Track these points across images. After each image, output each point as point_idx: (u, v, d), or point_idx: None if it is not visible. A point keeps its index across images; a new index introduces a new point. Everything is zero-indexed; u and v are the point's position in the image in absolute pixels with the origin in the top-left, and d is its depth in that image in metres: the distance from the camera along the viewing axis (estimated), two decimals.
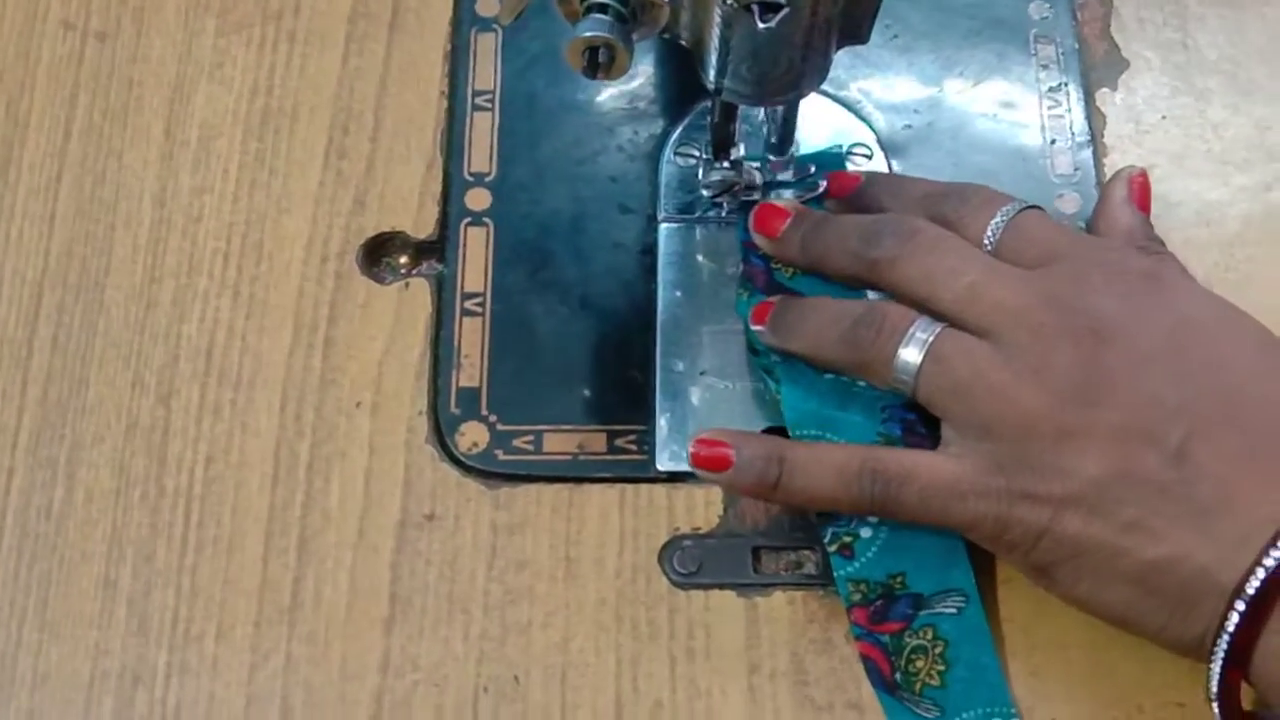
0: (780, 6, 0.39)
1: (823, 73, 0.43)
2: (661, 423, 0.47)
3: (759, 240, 0.47)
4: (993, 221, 0.44)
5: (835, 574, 0.43)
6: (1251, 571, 0.37)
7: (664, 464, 0.46)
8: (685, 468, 0.46)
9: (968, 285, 0.42)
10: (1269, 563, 0.37)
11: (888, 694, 0.42)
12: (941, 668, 0.42)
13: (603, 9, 0.37)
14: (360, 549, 0.45)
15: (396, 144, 0.51)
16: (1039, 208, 0.45)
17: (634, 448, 0.47)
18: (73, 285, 0.49)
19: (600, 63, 0.37)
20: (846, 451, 0.43)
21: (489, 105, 0.52)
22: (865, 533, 0.43)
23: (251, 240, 0.50)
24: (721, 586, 0.45)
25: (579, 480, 0.46)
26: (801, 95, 0.44)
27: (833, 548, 0.43)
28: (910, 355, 0.42)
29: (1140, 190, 0.47)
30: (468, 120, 0.51)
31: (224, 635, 0.44)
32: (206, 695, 0.43)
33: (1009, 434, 0.40)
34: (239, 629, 0.44)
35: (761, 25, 0.39)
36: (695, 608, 0.44)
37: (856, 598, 0.43)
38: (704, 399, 0.47)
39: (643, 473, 0.46)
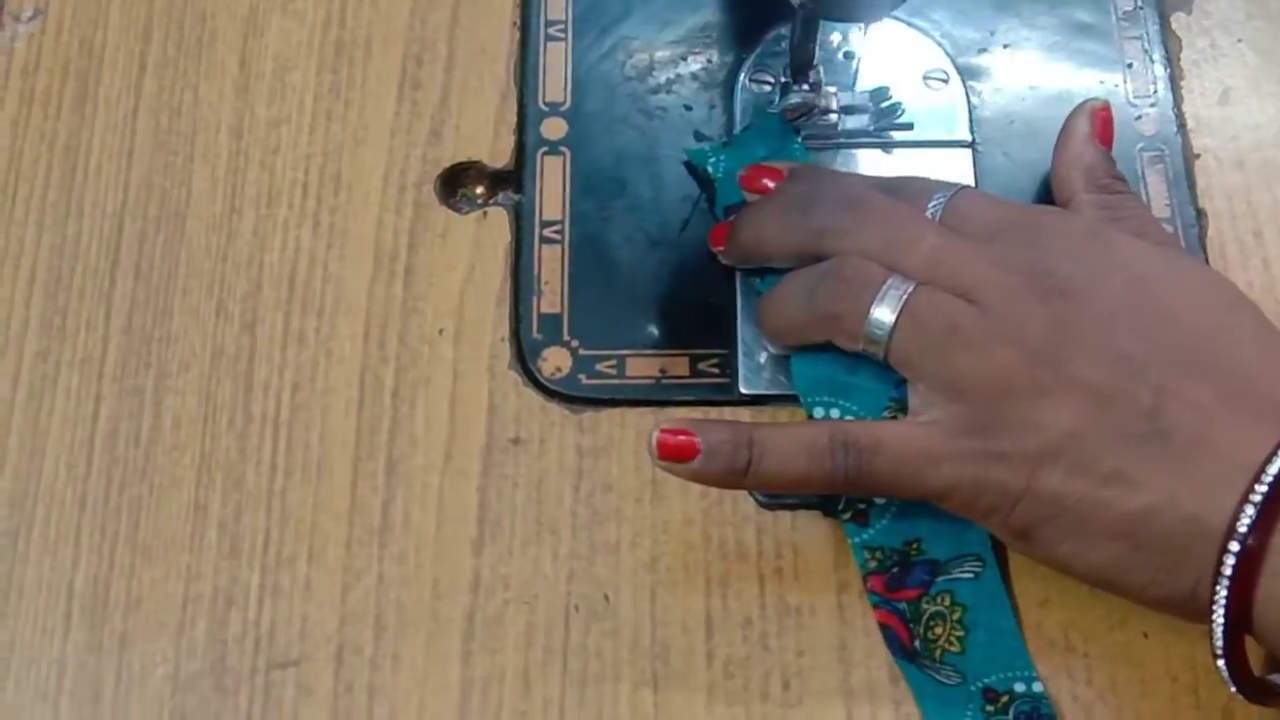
0: None
1: None
2: (743, 346, 0.47)
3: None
4: (930, 205, 0.43)
5: (850, 541, 0.43)
6: (1240, 510, 0.36)
7: (746, 387, 0.46)
8: (768, 390, 0.46)
9: (929, 249, 0.41)
10: (1256, 498, 0.36)
11: (908, 661, 0.42)
12: (960, 633, 0.42)
13: None
14: (448, 473, 0.45)
15: (470, 74, 0.51)
16: (972, 188, 0.45)
17: (716, 371, 0.47)
18: (153, 216, 0.49)
19: None
20: (815, 427, 0.42)
21: (562, 35, 0.52)
22: (879, 499, 0.43)
23: (329, 171, 0.50)
24: (809, 507, 0.45)
25: (662, 404, 0.46)
26: (882, 14, 0.44)
27: (846, 515, 0.43)
28: (884, 313, 0.41)
29: (1103, 124, 0.46)
30: (541, 50, 0.51)
31: (315, 557, 0.44)
32: (300, 616, 0.44)
33: (984, 392, 0.39)
34: (330, 550, 0.44)
35: None
36: (782, 528, 0.45)
37: (873, 565, 0.43)
38: None
39: (725, 395, 0.46)
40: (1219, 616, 0.37)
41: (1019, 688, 0.42)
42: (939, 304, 0.41)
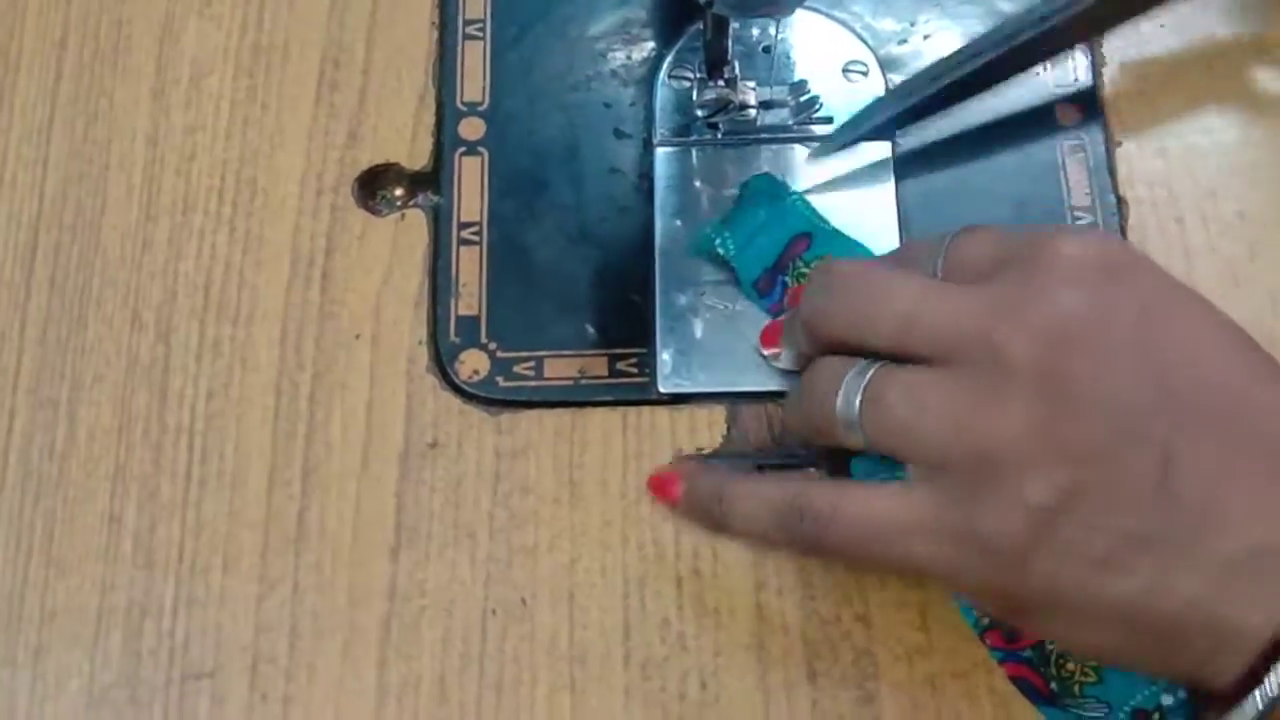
0: None
1: None
2: (662, 345, 0.46)
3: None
4: (935, 259, 0.39)
5: (957, 603, 0.42)
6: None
7: (666, 386, 0.46)
8: (687, 389, 0.46)
9: (901, 314, 0.37)
10: None
11: (1050, 706, 0.41)
12: (1093, 663, 0.41)
13: None
14: (364, 478, 0.45)
15: (388, 76, 0.51)
16: (976, 226, 0.40)
17: (635, 371, 0.46)
18: (68, 226, 0.49)
19: None
20: (781, 487, 0.39)
21: (480, 34, 0.51)
22: None
23: (246, 176, 0.49)
24: None
25: (581, 404, 0.46)
26: (785, 11, 0.43)
27: None
28: (847, 406, 0.37)
29: None
30: (459, 50, 0.51)
31: (230, 567, 0.44)
32: (214, 626, 0.43)
33: (964, 463, 0.35)
34: (245, 560, 0.44)
35: None
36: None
37: (985, 622, 0.41)
38: (704, 321, 0.47)
39: (645, 395, 0.46)
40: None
41: (1166, 700, 0.40)
42: (902, 383, 0.37)
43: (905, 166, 0.49)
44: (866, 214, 0.48)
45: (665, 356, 0.46)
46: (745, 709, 0.42)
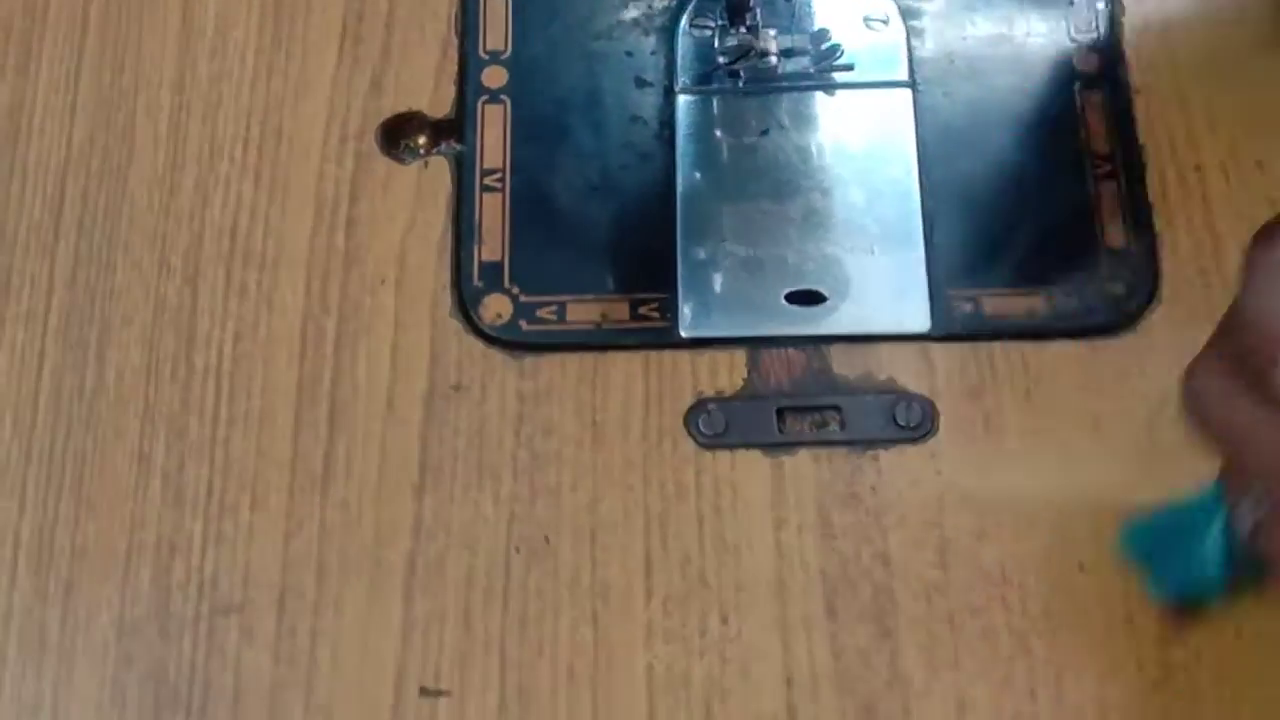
0: None
1: None
2: (683, 290, 0.47)
3: None
4: None
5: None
6: None
7: (687, 330, 0.46)
8: (708, 333, 0.46)
9: None
10: None
11: None
12: None
13: None
14: (389, 420, 0.46)
15: (411, 26, 0.51)
16: None
17: (656, 315, 0.47)
18: (96, 173, 0.49)
19: None
20: None
21: None
22: None
23: (271, 125, 0.50)
24: (747, 446, 0.45)
25: (603, 348, 0.47)
26: None
27: None
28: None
29: None
30: (481, 0, 0.52)
31: (258, 504, 0.45)
32: (243, 562, 0.44)
33: None
34: (273, 498, 0.45)
35: None
36: (721, 467, 0.45)
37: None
38: (725, 267, 0.47)
39: (666, 339, 0.46)
40: None
41: None
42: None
43: (925, 113, 0.49)
44: (886, 159, 0.48)
45: (686, 301, 0.47)
46: (765, 644, 0.42)
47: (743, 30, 0.48)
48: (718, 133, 0.50)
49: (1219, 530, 0.39)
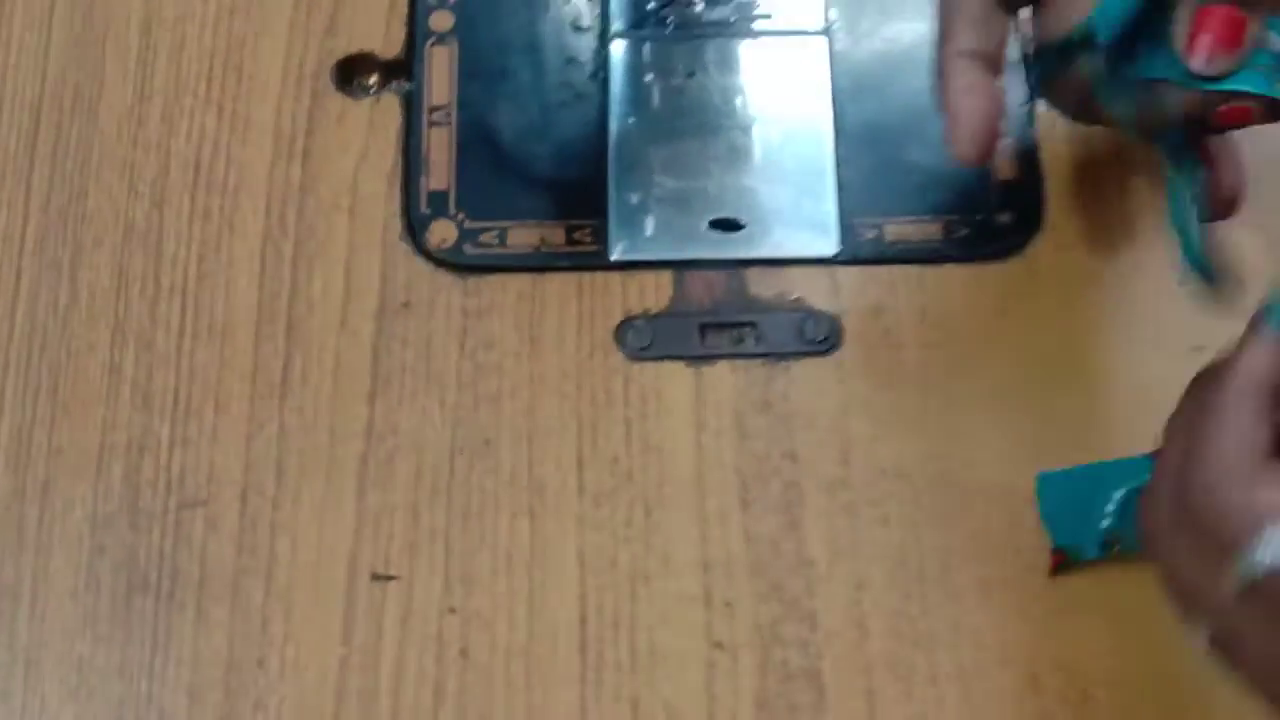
0: None
1: None
2: (614, 217, 0.51)
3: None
4: None
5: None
6: None
7: (617, 254, 0.51)
8: (636, 257, 0.50)
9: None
10: None
11: None
12: None
13: None
14: (343, 333, 0.50)
15: None
16: None
17: (590, 240, 0.51)
18: (68, 107, 0.53)
19: None
20: None
21: None
22: None
23: (232, 63, 0.54)
24: (671, 358, 0.49)
25: (540, 270, 0.51)
26: None
27: None
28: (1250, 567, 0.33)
29: None
30: None
31: (221, 409, 0.49)
32: (207, 461, 0.48)
33: None
34: (234, 404, 0.49)
35: None
36: (647, 377, 0.49)
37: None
38: (653, 196, 0.51)
39: (598, 262, 0.51)
40: None
41: None
42: None
43: (837, 59, 0.53)
44: (802, 100, 0.53)
45: (617, 228, 0.51)
46: (684, 534, 0.47)
47: None
48: (648, 75, 0.54)
49: (1123, 497, 0.44)
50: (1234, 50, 0.38)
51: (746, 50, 0.54)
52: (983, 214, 0.51)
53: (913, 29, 0.54)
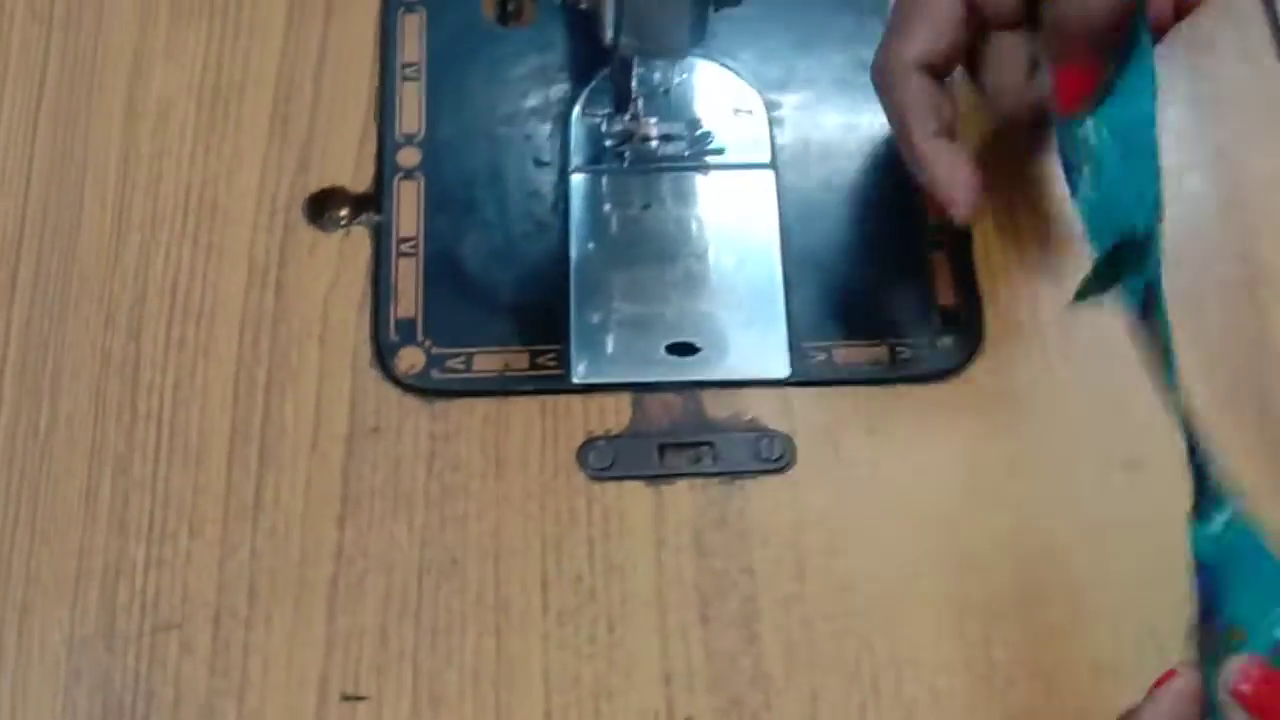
0: None
1: (702, 30, 0.50)
2: (576, 342, 0.53)
3: None
4: None
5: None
6: None
7: (579, 377, 0.53)
8: (597, 380, 0.53)
9: None
10: None
11: None
12: None
13: None
14: (314, 457, 0.51)
15: (334, 111, 0.58)
16: None
17: (553, 364, 0.53)
18: (49, 238, 0.55)
19: (510, 13, 0.43)
20: None
21: (416, 75, 0.58)
22: None
23: (207, 197, 0.56)
24: (632, 478, 0.51)
25: (505, 394, 0.53)
26: (685, 50, 0.51)
27: None
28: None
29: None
30: (398, 89, 0.58)
31: (195, 533, 0.50)
32: (181, 584, 0.49)
33: None
34: (209, 527, 0.50)
35: None
36: (609, 497, 0.51)
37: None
38: (613, 321, 0.54)
39: (561, 385, 0.53)
40: None
41: None
42: None
43: (785, 191, 0.56)
44: (752, 229, 0.55)
45: (578, 352, 0.53)
46: (646, 649, 0.49)
47: (627, 118, 0.56)
48: (607, 206, 0.57)
49: None
50: None
51: (699, 183, 0.57)
52: (925, 337, 0.54)
53: (853, 163, 0.57)
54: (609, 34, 0.49)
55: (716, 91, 0.59)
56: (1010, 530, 0.50)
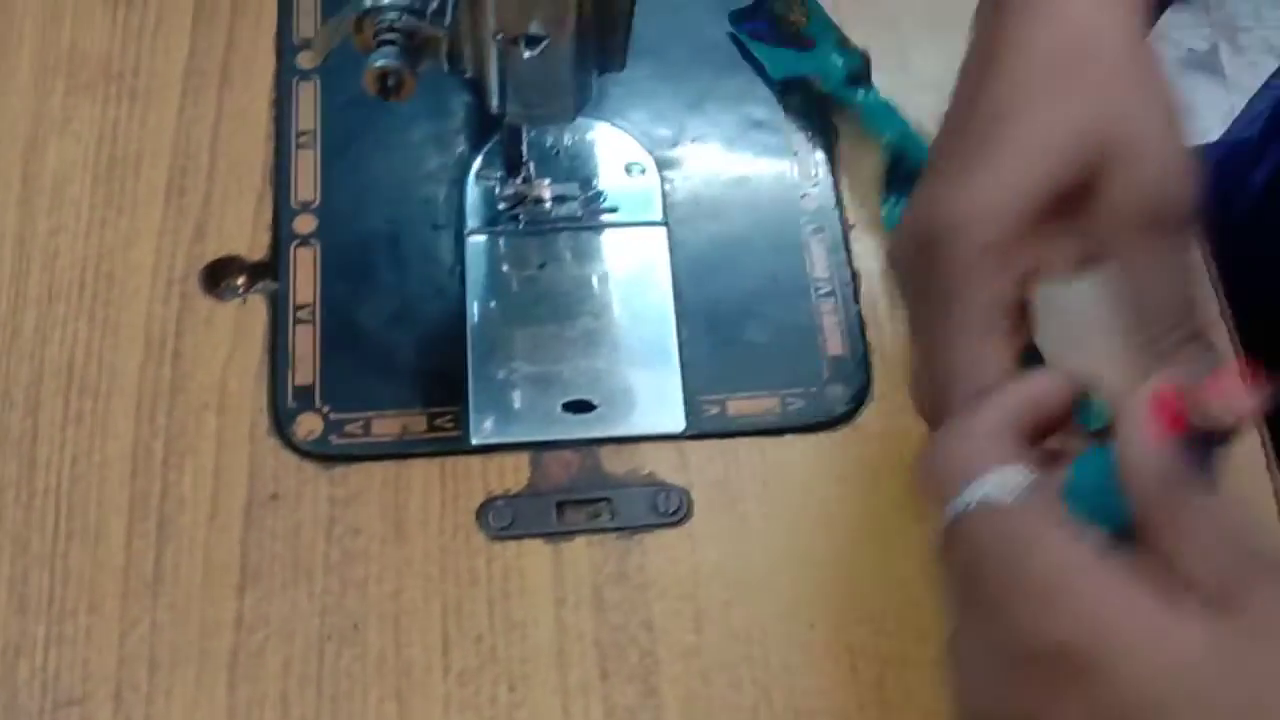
0: (542, 39, 0.47)
1: (586, 96, 0.51)
2: (474, 404, 0.54)
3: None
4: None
5: None
6: None
7: (478, 438, 0.54)
8: (496, 440, 0.53)
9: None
10: None
11: None
12: None
13: (391, 42, 0.44)
14: (213, 528, 0.52)
15: (230, 181, 0.58)
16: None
17: (451, 426, 0.54)
18: None
19: (390, 87, 0.44)
20: None
21: (311, 144, 0.59)
22: None
23: (104, 271, 0.56)
24: (531, 536, 0.52)
25: (404, 457, 0.53)
26: (570, 116, 0.52)
27: None
28: (954, 507, 0.36)
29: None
30: (293, 157, 0.59)
31: (95, 608, 0.50)
32: (82, 660, 0.49)
33: None
34: (108, 602, 0.50)
35: (527, 54, 0.47)
36: (509, 555, 0.52)
37: None
38: (510, 381, 0.55)
39: (460, 447, 0.54)
40: None
41: None
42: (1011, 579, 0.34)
43: (677, 247, 0.58)
44: (646, 286, 0.57)
45: (477, 413, 0.54)
46: (547, 707, 0.49)
47: (519, 181, 0.57)
48: (504, 267, 0.58)
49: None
50: None
51: (594, 241, 0.58)
52: (816, 387, 0.55)
53: (744, 219, 0.58)
54: (494, 102, 0.50)
55: (609, 151, 0.60)
56: (904, 574, 0.51)
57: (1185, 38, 1.83)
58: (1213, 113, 1.48)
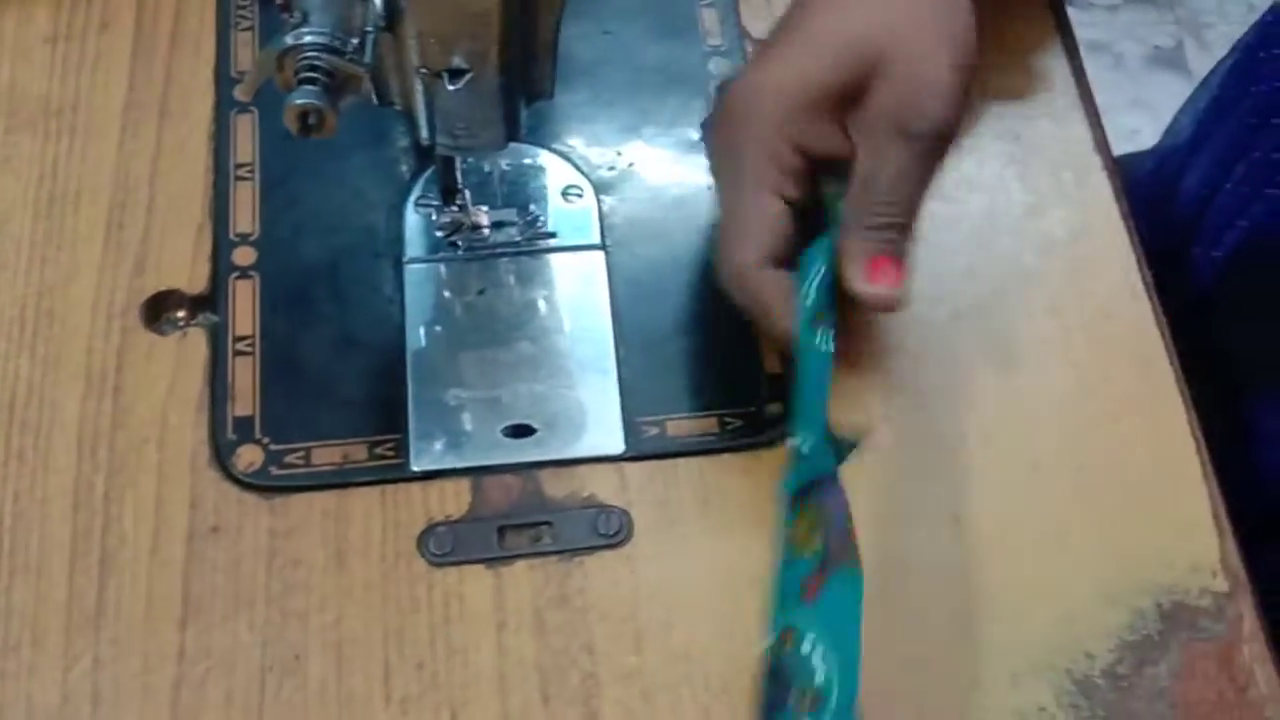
0: (465, 72, 0.48)
1: (516, 126, 0.51)
2: (415, 431, 0.54)
3: None
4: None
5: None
6: None
7: (419, 465, 0.54)
8: (436, 466, 0.54)
9: None
10: None
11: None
12: None
13: (311, 80, 0.45)
14: (154, 562, 0.52)
15: (169, 214, 0.59)
16: None
17: (391, 454, 0.54)
18: None
19: (311, 125, 0.45)
20: None
21: (250, 176, 0.60)
22: None
23: (44, 308, 0.56)
24: (472, 562, 0.52)
25: (345, 486, 0.54)
26: (500, 145, 0.52)
27: None
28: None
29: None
30: (231, 190, 0.59)
31: (38, 643, 0.50)
32: (25, 696, 0.49)
33: None
34: (51, 637, 0.50)
35: (451, 88, 0.48)
36: (450, 581, 0.52)
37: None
38: (450, 407, 0.55)
39: (400, 474, 0.54)
40: None
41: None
42: None
43: (615, 270, 0.58)
44: (584, 309, 0.57)
45: (417, 440, 0.54)
46: None
47: (455, 208, 0.57)
48: (444, 294, 0.58)
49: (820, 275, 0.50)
50: None
51: (533, 266, 0.58)
52: (753, 406, 0.55)
53: (681, 242, 0.59)
54: (424, 134, 0.51)
55: (546, 176, 0.60)
56: None
57: (1150, 34, 1.84)
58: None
